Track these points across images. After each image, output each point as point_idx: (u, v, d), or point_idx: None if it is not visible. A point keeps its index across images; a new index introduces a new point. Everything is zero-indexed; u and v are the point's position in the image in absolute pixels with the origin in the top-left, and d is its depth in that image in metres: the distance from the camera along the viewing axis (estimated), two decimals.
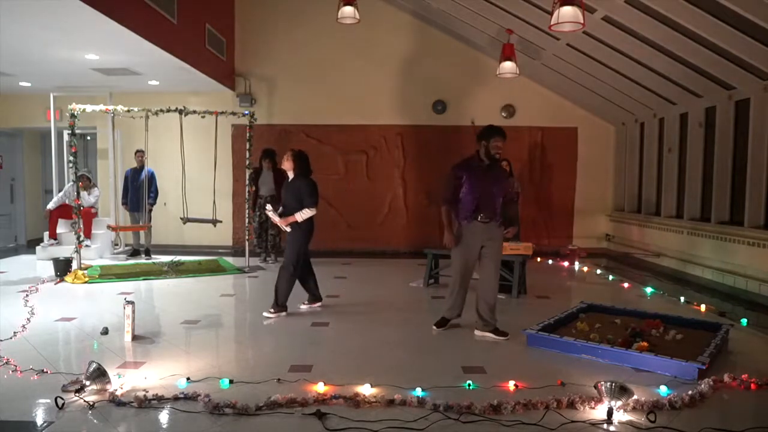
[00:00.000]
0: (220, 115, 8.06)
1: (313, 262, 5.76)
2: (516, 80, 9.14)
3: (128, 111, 7.71)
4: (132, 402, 3.25)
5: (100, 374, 3.42)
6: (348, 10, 6.79)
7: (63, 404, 3.20)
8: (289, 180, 5.52)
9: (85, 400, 3.26)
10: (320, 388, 3.46)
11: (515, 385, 3.58)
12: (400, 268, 8.40)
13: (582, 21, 5.45)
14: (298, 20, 10.18)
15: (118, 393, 3.36)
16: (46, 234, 8.79)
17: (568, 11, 5.38)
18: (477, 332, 4.80)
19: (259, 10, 10.23)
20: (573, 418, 3.12)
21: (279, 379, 3.66)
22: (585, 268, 8.25)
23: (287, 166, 5.47)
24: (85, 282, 6.96)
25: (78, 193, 7.69)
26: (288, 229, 5.43)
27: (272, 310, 5.38)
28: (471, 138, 10.16)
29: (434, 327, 4.93)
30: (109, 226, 9.02)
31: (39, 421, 3.08)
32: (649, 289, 6.73)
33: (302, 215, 5.33)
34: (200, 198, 8.78)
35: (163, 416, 3.16)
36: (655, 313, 5.06)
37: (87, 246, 8.28)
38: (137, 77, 8.86)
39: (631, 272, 8.28)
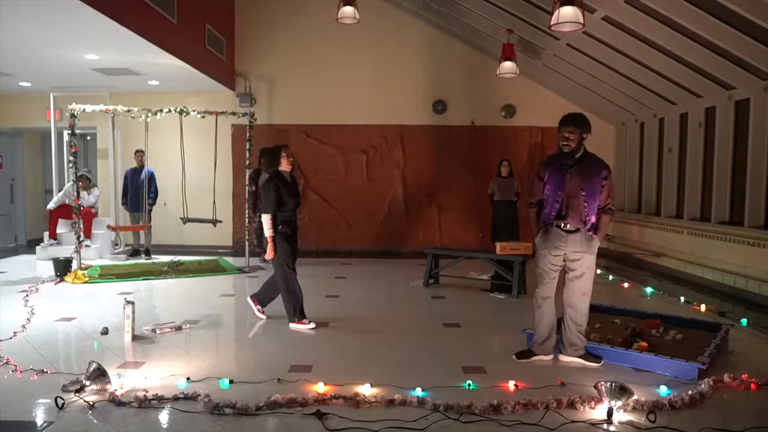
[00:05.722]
0: (220, 115, 8.06)
1: (314, 262, 5.75)
2: (516, 80, 9.14)
3: (128, 111, 7.72)
4: (132, 402, 3.25)
5: (100, 374, 3.42)
6: (348, 10, 6.77)
7: (63, 404, 3.20)
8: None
9: (85, 400, 3.27)
10: (320, 388, 3.46)
11: (515, 385, 3.58)
12: (400, 268, 8.40)
13: (582, 21, 5.45)
14: (297, 20, 10.18)
15: (118, 393, 3.37)
16: (46, 234, 8.78)
17: (568, 11, 5.37)
18: (563, 357, 4.17)
19: (259, 10, 10.23)
20: (573, 418, 3.13)
21: (279, 379, 3.66)
22: None
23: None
24: (85, 282, 6.96)
25: (78, 193, 7.69)
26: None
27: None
28: (471, 138, 10.32)
29: (514, 357, 4.18)
30: (109, 226, 9.03)
31: (39, 421, 3.08)
32: (649, 289, 6.73)
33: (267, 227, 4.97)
34: (200, 198, 8.77)
35: (163, 416, 3.16)
36: (655, 313, 5.06)
37: (87, 246, 8.28)
38: (137, 77, 8.86)
39: (631, 272, 8.27)
